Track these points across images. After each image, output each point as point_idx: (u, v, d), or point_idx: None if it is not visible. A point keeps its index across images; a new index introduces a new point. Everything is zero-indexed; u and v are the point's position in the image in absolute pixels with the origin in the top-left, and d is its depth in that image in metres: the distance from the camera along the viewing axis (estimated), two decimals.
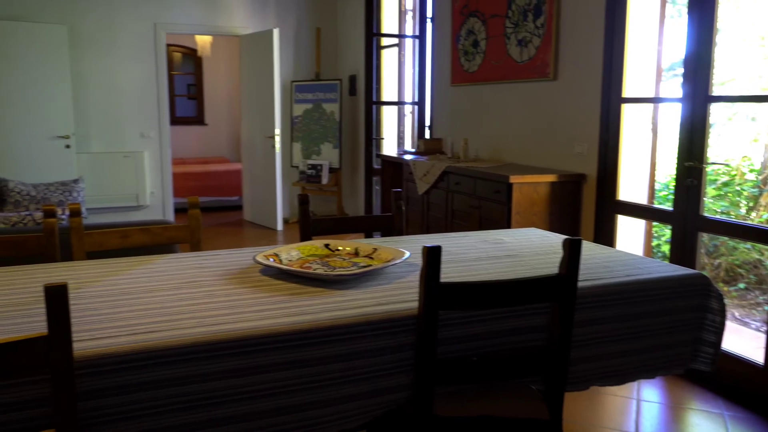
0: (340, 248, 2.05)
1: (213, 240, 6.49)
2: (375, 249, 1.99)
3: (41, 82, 6.42)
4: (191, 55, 10.06)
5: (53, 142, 6.53)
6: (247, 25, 7.36)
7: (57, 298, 1.13)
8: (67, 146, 6.59)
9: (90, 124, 6.92)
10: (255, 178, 7.45)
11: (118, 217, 6.94)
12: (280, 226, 7.11)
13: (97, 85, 6.90)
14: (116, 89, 6.98)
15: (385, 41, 6.98)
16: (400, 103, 6.92)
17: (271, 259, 1.87)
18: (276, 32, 6.84)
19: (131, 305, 1.55)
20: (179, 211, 7.57)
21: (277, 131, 6.95)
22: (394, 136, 7.13)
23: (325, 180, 7.21)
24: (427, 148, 5.43)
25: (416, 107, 6.30)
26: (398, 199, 2.57)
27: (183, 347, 1.33)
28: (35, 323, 1.42)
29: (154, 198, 7.27)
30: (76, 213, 2.11)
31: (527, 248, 2.21)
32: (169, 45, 8.48)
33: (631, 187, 3.79)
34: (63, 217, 3.90)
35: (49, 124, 6.50)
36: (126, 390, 1.29)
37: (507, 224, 3.83)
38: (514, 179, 3.79)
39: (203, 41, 9.28)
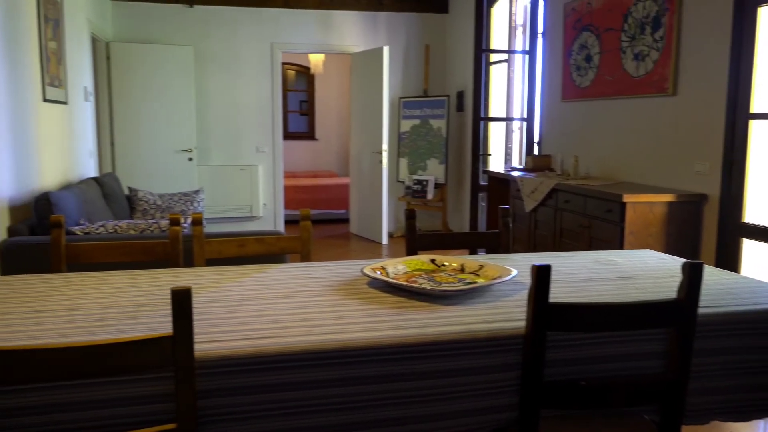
0: (446, 264, 2.05)
1: (321, 251, 6.68)
2: (481, 266, 1.98)
3: (169, 99, 6.91)
4: (304, 73, 10.45)
5: (177, 156, 6.99)
6: (358, 43, 7.57)
7: (182, 301, 1.21)
8: (190, 159, 7.03)
9: (210, 138, 7.35)
10: (362, 193, 7.60)
11: (233, 227, 7.31)
12: (385, 240, 7.20)
13: (218, 102, 7.33)
14: (235, 106, 7.38)
15: (493, 57, 6.94)
16: (508, 119, 6.84)
17: (378, 272, 1.90)
18: (386, 50, 6.98)
19: (246, 311, 1.63)
20: (289, 222, 7.85)
21: (385, 147, 7.07)
22: (501, 152, 7.04)
23: (430, 195, 7.24)
24: (536, 164, 5.33)
25: (525, 123, 6.20)
26: (505, 216, 2.54)
27: (293, 354, 1.37)
28: (161, 323, 1.53)
29: (267, 209, 7.59)
30: (198, 222, 2.24)
31: (642, 271, 2.11)
32: (284, 63, 8.86)
33: (760, 209, 3.53)
34: (185, 225, 4.16)
35: (174, 138, 6.97)
36: (239, 391, 1.36)
37: (619, 245, 3.68)
38: (627, 198, 3.64)
39: (316, 60, 9.63)
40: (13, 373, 1.17)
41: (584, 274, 2.05)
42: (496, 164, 6.95)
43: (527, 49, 6.08)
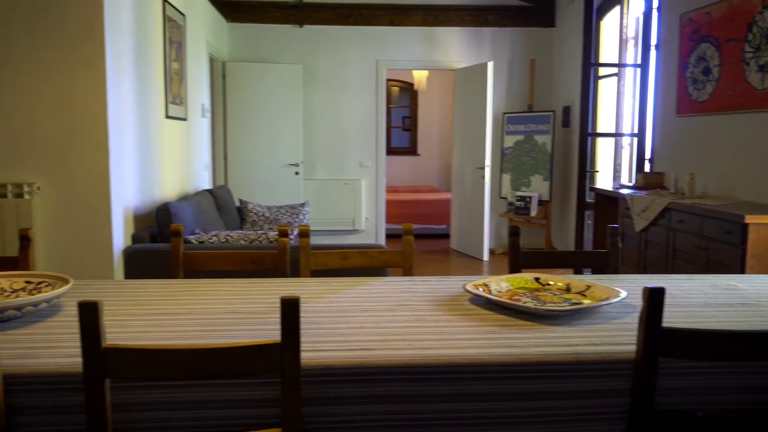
0: (551, 283, 2.00)
1: (421, 266, 6.70)
2: (588, 286, 1.91)
3: (278, 115, 7.21)
4: (408, 89, 10.58)
5: (285, 170, 7.27)
6: (461, 59, 7.57)
7: (290, 309, 1.26)
8: (296, 173, 7.29)
9: (316, 153, 7.59)
10: (463, 208, 7.57)
11: (336, 240, 7.48)
12: (485, 257, 7.12)
13: (324, 118, 7.57)
14: (340, 122, 7.59)
15: (603, 71, 6.72)
16: (617, 135, 6.59)
17: (480, 289, 1.88)
18: (490, 65, 6.94)
19: (349, 322, 1.67)
20: (390, 236, 7.94)
21: (488, 162, 7.01)
22: (610, 169, 6.79)
23: (533, 212, 7.09)
24: (647, 182, 5.10)
25: (635, 139, 5.95)
26: (614, 235, 2.44)
27: (394, 367, 1.39)
28: (270, 331, 1.59)
29: (369, 223, 7.72)
30: (305, 234, 2.32)
31: (766, 297, 1.96)
32: (388, 80, 9.02)
33: None
34: (292, 237, 4.31)
35: (282, 153, 7.25)
36: (342, 401, 1.39)
37: (740, 269, 3.44)
38: (750, 219, 3.40)
39: (420, 76, 9.73)
40: (138, 371, 1.26)
41: (701, 299, 1.94)
42: (603, 181, 6.70)
43: (639, 62, 5.85)
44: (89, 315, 1.22)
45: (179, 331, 1.59)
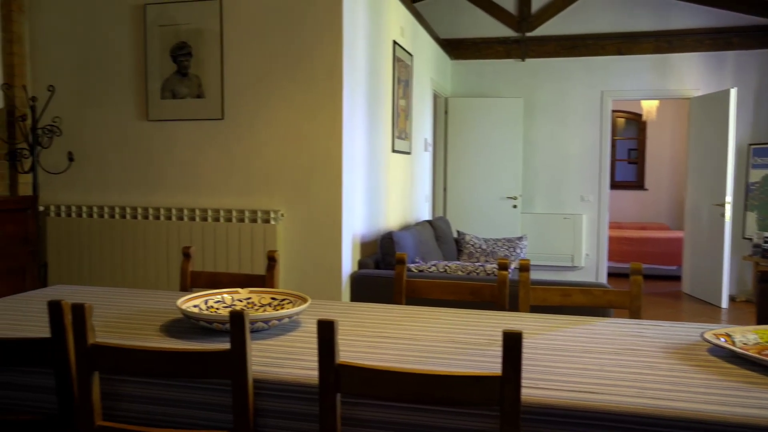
0: None
1: (648, 309, 6.21)
2: None
3: (498, 149, 7.25)
4: (635, 120, 9.99)
5: (502, 202, 7.26)
6: (699, 86, 6.97)
7: (513, 343, 1.25)
8: (514, 206, 7.24)
9: (535, 187, 7.48)
10: (698, 248, 6.88)
11: (552, 276, 7.25)
12: (724, 304, 6.38)
13: (544, 151, 7.44)
14: (560, 155, 7.40)
15: None
16: None
17: (723, 339, 1.69)
18: (733, 92, 6.29)
19: (570, 362, 1.60)
20: (612, 275, 7.49)
21: (729, 198, 6.31)
22: None
23: None
24: None
25: None
26: None
27: (623, 415, 1.30)
28: (488, 363, 1.59)
29: (589, 260, 7.37)
30: (525, 268, 2.29)
31: None
32: (613, 111, 8.60)
33: None
34: (510, 270, 4.28)
35: (500, 186, 7.26)
36: None
37: None
38: None
39: (649, 106, 9.13)
40: (366, 388, 1.34)
41: None
42: None
43: None
44: (327, 332, 1.33)
45: (401, 355, 1.66)
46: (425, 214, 6.46)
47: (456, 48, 7.49)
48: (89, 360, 1.48)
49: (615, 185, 9.61)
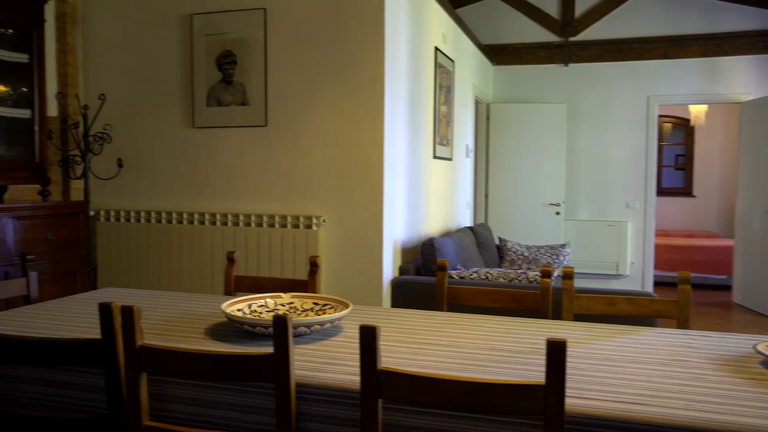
0: None
1: (696, 319, 6.04)
2: None
3: (540, 155, 7.17)
4: (683, 125, 9.75)
5: (545, 209, 7.17)
6: (750, 90, 6.77)
7: (557, 352, 1.23)
8: (557, 213, 7.14)
9: (578, 193, 7.36)
10: (751, 257, 6.67)
11: (596, 284, 7.12)
12: None
13: (587, 157, 7.32)
14: (605, 161, 7.27)
15: None
16: None
17: None
18: None
19: (616, 372, 1.57)
20: (658, 284, 7.31)
21: None
22: None
23: None
24: None
25: None
26: None
27: (670, 428, 1.27)
28: (531, 372, 1.57)
29: (634, 268, 7.22)
30: (568, 276, 2.26)
31: None
32: (660, 116, 8.42)
33: None
34: (553, 278, 4.22)
35: (543, 192, 7.17)
36: None
37: None
38: None
39: (697, 110, 8.90)
40: (407, 395, 1.34)
41: None
42: None
43: None
44: (369, 338, 1.34)
45: (442, 362, 1.65)
46: (466, 221, 6.43)
47: (498, 53, 7.44)
48: (137, 361, 1.52)
49: (661, 192, 9.39)
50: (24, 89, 3.72)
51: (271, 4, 4.02)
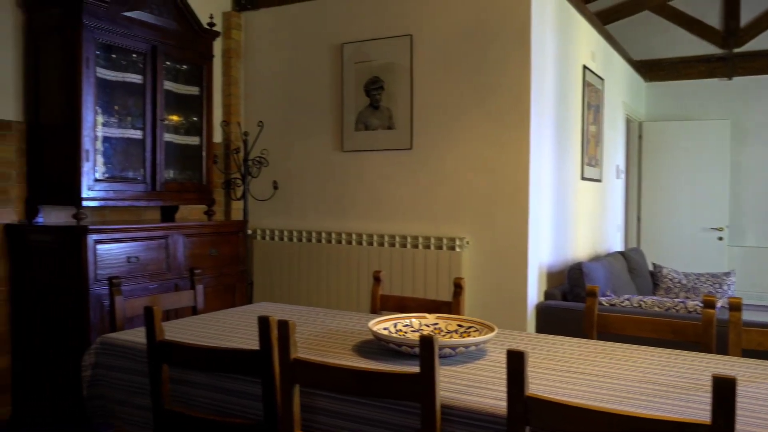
0: None
1: None
2: None
3: (699, 175, 6.67)
4: None
5: (705, 234, 6.64)
6: None
7: (725, 390, 1.13)
8: (720, 238, 6.58)
9: (745, 217, 6.74)
10: None
11: (766, 318, 6.44)
12: None
13: (755, 177, 6.70)
14: None
15: None
16: None
17: None
18: None
19: None
20: None
21: None
22: None
23: None
24: None
25: None
26: None
27: None
28: (692, 409, 1.46)
29: None
30: (736, 307, 2.08)
31: None
32: None
33: None
34: (717, 309, 3.88)
35: (703, 216, 6.65)
36: None
37: None
38: None
39: None
40: (557, 424, 1.29)
41: None
42: None
43: None
44: (516, 363, 1.31)
45: (594, 393, 1.57)
46: (617, 245, 6.11)
47: (651, 69, 7.06)
48: (291, 373, 1.60)
49: None
50: (194, 118, 4.09)
51: (417, 30, 4.12)
